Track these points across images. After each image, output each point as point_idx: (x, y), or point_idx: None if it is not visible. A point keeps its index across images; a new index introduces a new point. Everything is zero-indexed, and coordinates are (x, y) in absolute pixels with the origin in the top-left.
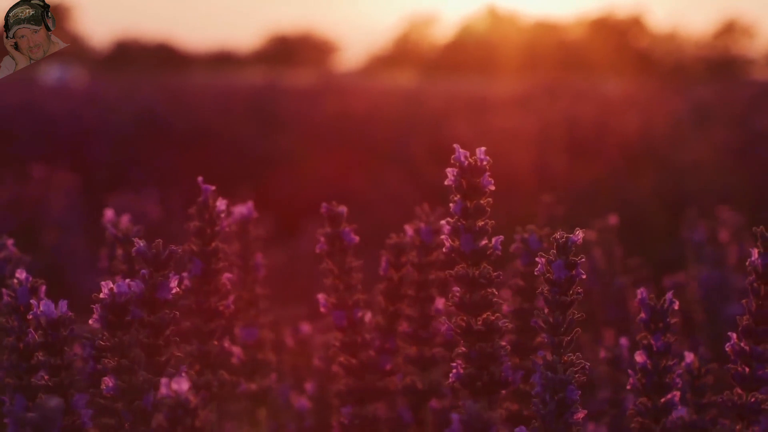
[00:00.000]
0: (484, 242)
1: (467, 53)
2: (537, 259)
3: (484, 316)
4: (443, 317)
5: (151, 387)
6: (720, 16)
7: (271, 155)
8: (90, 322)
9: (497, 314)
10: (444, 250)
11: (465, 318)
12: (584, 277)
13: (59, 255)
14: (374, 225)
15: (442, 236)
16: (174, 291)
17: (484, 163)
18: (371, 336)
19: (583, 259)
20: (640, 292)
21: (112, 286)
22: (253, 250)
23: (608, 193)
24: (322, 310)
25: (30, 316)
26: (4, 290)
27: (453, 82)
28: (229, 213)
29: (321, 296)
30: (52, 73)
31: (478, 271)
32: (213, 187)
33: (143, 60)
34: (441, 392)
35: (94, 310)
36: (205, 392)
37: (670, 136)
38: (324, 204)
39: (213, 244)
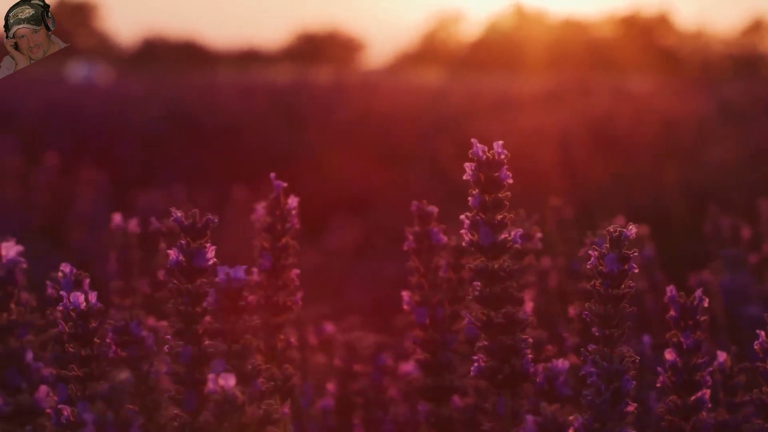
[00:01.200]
0: (503, 236)
1: (494, 51)
2: (590, 252)
3: (505, 309)
4: (464, 311)
5: (260, 373)
6: (747, 14)
7: (297, 152)
8: (204, 305)
9: (518, 307)
10: (463, 243)
11: (485, 311)
12: (636, 270)
13: (87, 252)
14: (399, 223)
15: (462, 230)
16: (211, 261)
17: (502, 156)
18: (451, 334)
19: (636, 253)
20: (670, 290)
21: (228, 270)
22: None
23: (634, 190)
24: (405, 307)
25: (60, 308)
26: (48, 282)
27: (479, 80)
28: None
29: (405, 293)
30: (78, 71)
31: (497, 264)
32: (285, 184)
33: (170, 58)
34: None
35: (209, 293)
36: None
37: (696, 134)
38: (414, 203)
39: (283, 240)
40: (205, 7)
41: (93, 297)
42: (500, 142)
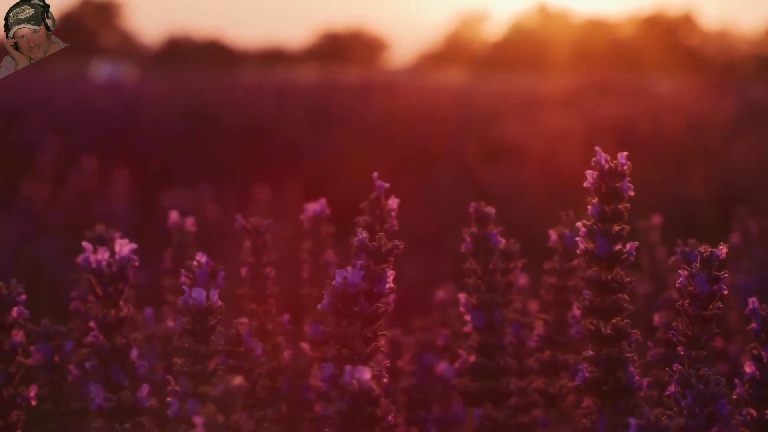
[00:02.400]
0: (618, 247)
1: (518, 51)
2: (680, 271)
3: (614, 321)
4: (573, 320)
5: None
6: None
7: (322, 152)
8: (318, 307)
9: (627, 320)
10: (578, 251)
11: (594, 322)
12: (726, 292)
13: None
14: (425, 223)
15: (577, 239)
16: (389, 286)
17: (625, 168)
18: (510, 339)
19: (726, 275)
20: (752, 301)
21: (346, 274)
22: (325, 247)
23: (659, 191)
24: (461, 309)
25: (180, 302)
26: (182, 271)
27: (504, 80)
28: (392, 211)
29: (462, 296)
30: (103, 71)
31: (610, 276)
32: (387, 185)
33: (194, 57)
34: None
35: (324, 296)
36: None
37: (721, 134)
38: (473, 204)
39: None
40: (230, 6)
41: (215, 294)
42: (624, 153)
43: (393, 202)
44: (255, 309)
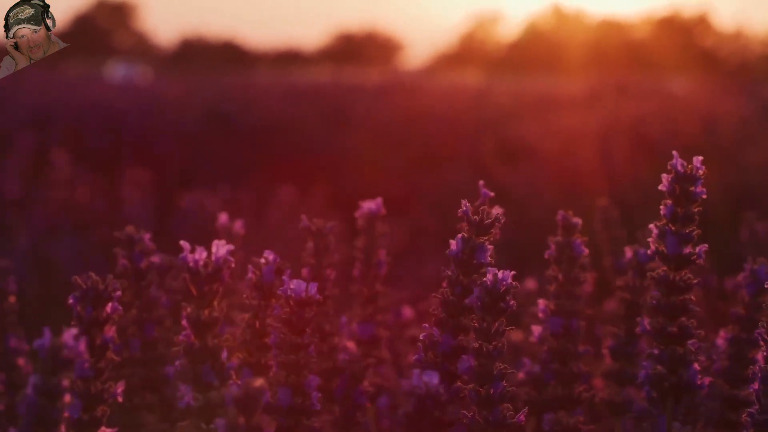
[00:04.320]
0: (688, 249)
1: (533, 52)
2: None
3: (680, 320)
4: (639, 318)
5: (504, 375)
6: None
7: (338, 153)
8: (430, 305)
9: (692, 320)
10: (648, 252)
11: (661, 320)
12: None
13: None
14: (441, 223)
15: (649, 239)
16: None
17: (699, 172)
18: (584, 347)
19: None
20: None
21: (496, 272)
22: (378, 246)
23: None
24: (540, 315)
25: (279, 292)
26: (250, 266)
27: (519, 81)
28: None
29: (541, 301)
30: (117, 72)
31: (678, 276)
32: (492, 194)
33: (208, 58)
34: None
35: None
36: None
37: (736, 135)
38: (560, 212)
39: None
40: (244, 7)
41: (313, 288)
42: (700, 158)
43: (497, 211)
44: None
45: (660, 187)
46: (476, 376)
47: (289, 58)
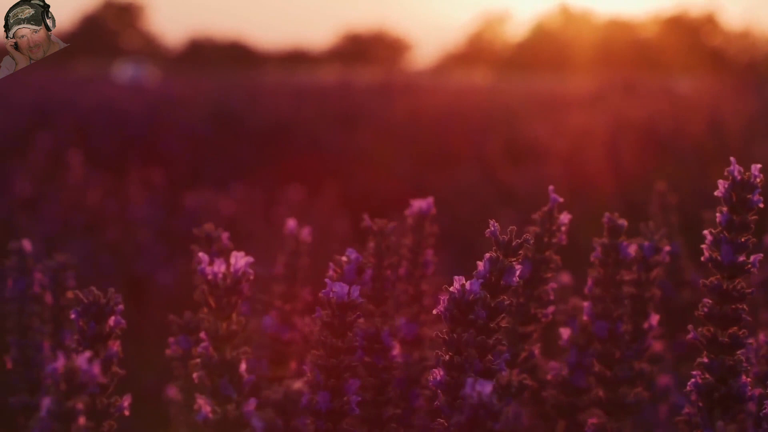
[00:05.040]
0: (742, 257)
1: (540, 51)
2: None
3: (731, 330)
4: (690, 326)
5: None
6: None
7: (346, 152)
8: (434, 311)
9: (744, 330)
10: (702, 259)
11: (712, 329)
12: None
13: (141, 251)
14: (450, 223)
15: (703, 246)
16: (516, 280)
17: (757, 180)
18: (627, 351)
19: None
20: None
21: (464, 282)
22: (425, 246)
23: (681, 189)
24: (584, 318)
25: (320, 295)
26: (331, 264)
27: (526, 81)
28: (562, 226)
29: (586, 303)
30: (125, 72)
31: (732, 285)
32: (561, 199)
33: (216, 58)
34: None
35: (440, 302)
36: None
37: (743, 134)
38: (607, 214)
39: (546, 253)
40: (252, 8)
41: (356, 291)
42: (758, 166)
43: (565, 217)
44: (372, 310)
45: (716, 194)
46: (445, 387)
47: (296, 58)
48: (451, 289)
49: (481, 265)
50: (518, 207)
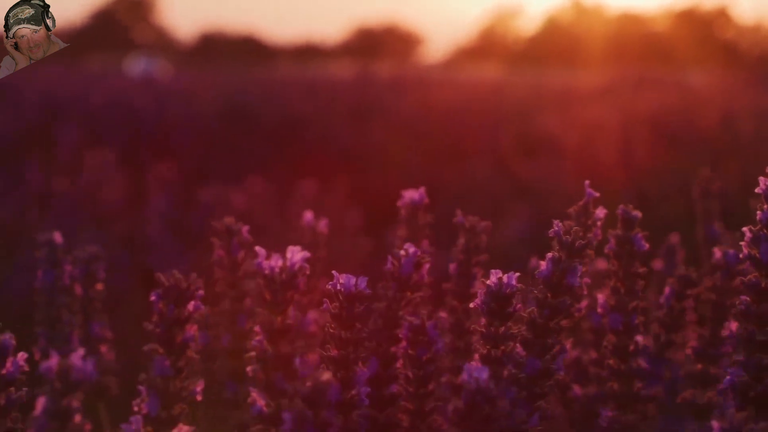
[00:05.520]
0: None
1: (552, 45)
2: None
3: None
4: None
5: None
6: None
7: (358, 146)
8: (471, 305)
9: None
10: (741, 256)
11: (749, 327)
12: None
13: (155, 245)
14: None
15: (742, 243)
16: (580, 280)
17: None
18: (646, 344)
19: None
20: None
21: (501, 275)
22: (420, 237)
23: (693, 183)
24: (599, 310)
25: (329, 286)
26: (389, 257)
27: (538, 75)
28: (598, 221)
29: (601, 296)
30: (137, 66)
31: None
32: (597, 194)
33: (228, 52)
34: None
35: (477, 295)
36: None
37: (755, 128)
38: (621, 206)
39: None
40: (264, 1)
41: (363, 282)
42: None
43: (600, 212)
44: (456, 306)
45: (757, 190)
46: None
47: (308, 53)
48: (488, 282)
49: (543, 264)
50: (531, 201)
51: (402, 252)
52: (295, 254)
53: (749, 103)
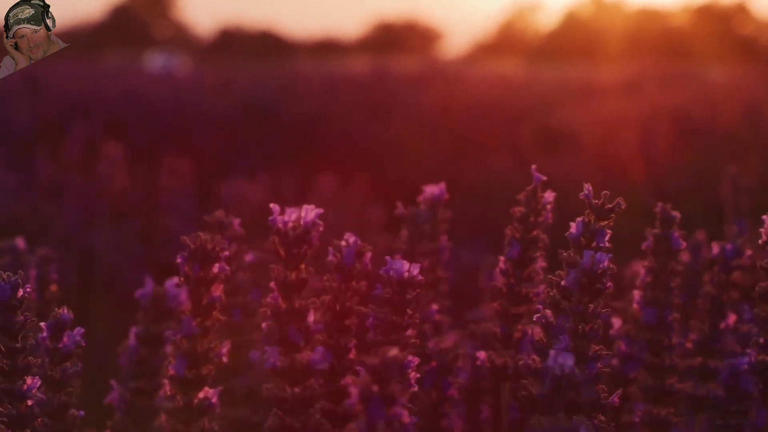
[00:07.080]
0: None
1: (572, 41)
2: None
3: None
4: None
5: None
6: None
7: (378, 142)
8: (563, 283)
9: None
10: (760, 242)
11: (766, 308)
12: None
13: (172, 239)
14: (482, 212)
15: (761, 230)
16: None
17: None
18: (677, 339)
19: None
20: None
21: (593, 254)
22: (439, 232)
23: (714, 179)
24: (635, 306)
25: (382, 272)
26: (330, 249)
27: (558, 70)
28: (547, 204)
29: (636, 292)
30: (156, 62)
31: None
32: (544, 177)
33: (247, 48)
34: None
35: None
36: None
37: None
38: (660, 204)
39: (534, 233)
40: None
41: (415, 269)
42: None
43: (549, 196)
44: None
45: None
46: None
47: (327, 48)
48: (581, 260)
49: (573, 226)
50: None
51: (343, 243)
52: (309, 212)
53: None
